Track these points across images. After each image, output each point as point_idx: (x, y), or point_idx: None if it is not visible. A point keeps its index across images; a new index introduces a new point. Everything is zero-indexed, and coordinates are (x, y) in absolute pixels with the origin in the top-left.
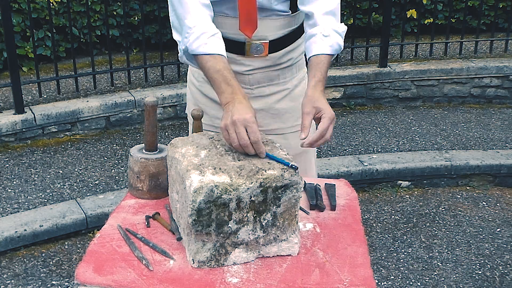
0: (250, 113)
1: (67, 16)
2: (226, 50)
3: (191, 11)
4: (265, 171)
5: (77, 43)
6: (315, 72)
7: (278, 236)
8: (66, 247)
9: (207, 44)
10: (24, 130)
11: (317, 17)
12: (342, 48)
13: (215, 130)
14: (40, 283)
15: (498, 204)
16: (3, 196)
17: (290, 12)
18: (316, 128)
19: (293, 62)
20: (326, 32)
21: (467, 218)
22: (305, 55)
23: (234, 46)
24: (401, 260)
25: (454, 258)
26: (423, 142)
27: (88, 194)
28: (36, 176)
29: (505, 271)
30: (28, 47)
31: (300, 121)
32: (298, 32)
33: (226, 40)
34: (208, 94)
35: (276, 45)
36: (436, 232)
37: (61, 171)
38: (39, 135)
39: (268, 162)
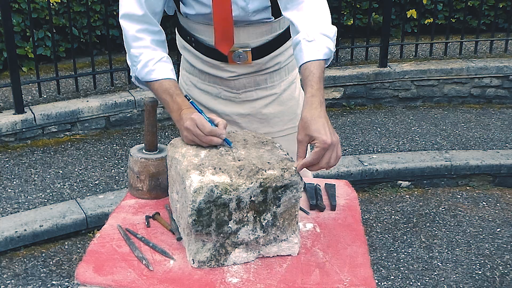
0: (192, 114)
1: (67, 16)
2: (209, 57)
3: (132, 40)
4: (265, 171)
5: (77, 43)
6: (307, 87)
7: (278, 236)
8: (66, 247)
9: (155, 70)
10: (24, 130)
11: (299, 22)
12: (334, 50)
13: None
14: (40, 283)
15: (498, 204)
16: (3, 196)
17: (273, 18)
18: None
19: (281, 65)
20: (310, 37)
21: (467, 218)
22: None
23: (216, 53)
24: (401, 260)
25: (454, 258)
26: (423, 142)
27: (88, 194)
28: (36, 176)
29: (505, 271)
30: (28, 47)
31: (290, 125)
32: (284, 36)
33: (208, 48)
34: (196, 98)
35: (260, 51)
36: (436, 232)
37: (61, 171)
38: (39, 135)
39: (268, 162)
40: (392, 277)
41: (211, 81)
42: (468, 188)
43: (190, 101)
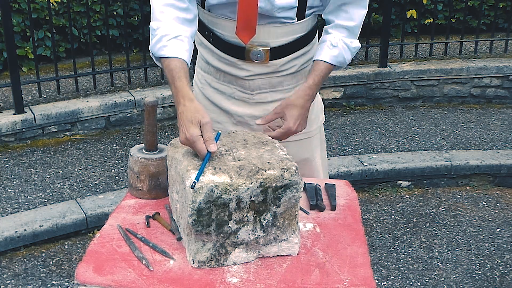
0: (192, 129)
1: (67, 16)
2: (226, 53)
3: (156, 13)
4: (265, 171)
5: (77, 43)
6: (310, 77)
7: (278, 236)
8: (66, 247)
9: (167, 46)
10: (24, 130)
11: (333, 26)
12: (348, 62)
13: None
14: (40, 283)
15: (498, 204)
16: (3, 196)
17: (296, 19)
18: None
19: (298, 69)
20: (335, 42)
21: (467, 218)
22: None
23: (234, 50)
24: (401, 260)
25: (454, 258)
26: (423, 142)
27: (88, 194)
28: (36, 176)
29: (505, 271)
30: (28, 47)
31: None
32: (304, 40)
33: (227, 43)
34: (210, 97)
35: (278, 52)
36: (436, 232)
37: (61, 171)
38: (39, 135)
39: (268, 162)
40: (392, 277)
41: (226, 80)
42: (468, 188)
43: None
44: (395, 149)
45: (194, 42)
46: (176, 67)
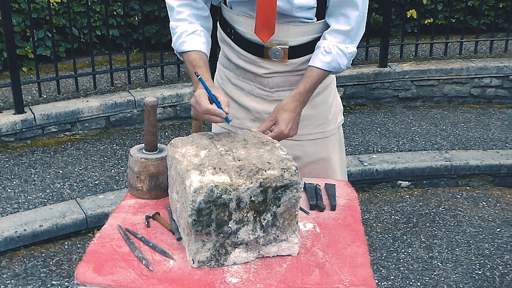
0: (197, 91)
1: (67, 16)
2: (246, 51)
3: (175, 13)
4: (265, 171)
5: (77, 43)
6: (301, 83)
7: (278, 236)
8: (66, 247)
9: (186, 42)
10: (24, 130)
11: (329, 31)
12: (345, 68)
13: (234, 129)
14: (40, 283)
15: (498, 204)
16: (3, 196)
17: (315, 19)
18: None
19: None
20: (328, 49)
21: (467, 218)
22: None
23: (253, 48)
24: (401, 260)
25: (454, 258)
26: (423, 142)
27: (88, 194)
28: (36, 176)
29: (505, 271)
30: (28, 47)
31: (319, 130)
32: None
33: (246, 41)
34: (230, 92)
35: (297, 51)
36: (436, 232)
37: (61, 171)
38: (39, 135)
39: (268, 162)
40: (392, 277)
41: (246, 77)
42: (468, 188)
43: (199, 77)
44: (395, 149)
45: (217, 39)
46: (195, 58)
